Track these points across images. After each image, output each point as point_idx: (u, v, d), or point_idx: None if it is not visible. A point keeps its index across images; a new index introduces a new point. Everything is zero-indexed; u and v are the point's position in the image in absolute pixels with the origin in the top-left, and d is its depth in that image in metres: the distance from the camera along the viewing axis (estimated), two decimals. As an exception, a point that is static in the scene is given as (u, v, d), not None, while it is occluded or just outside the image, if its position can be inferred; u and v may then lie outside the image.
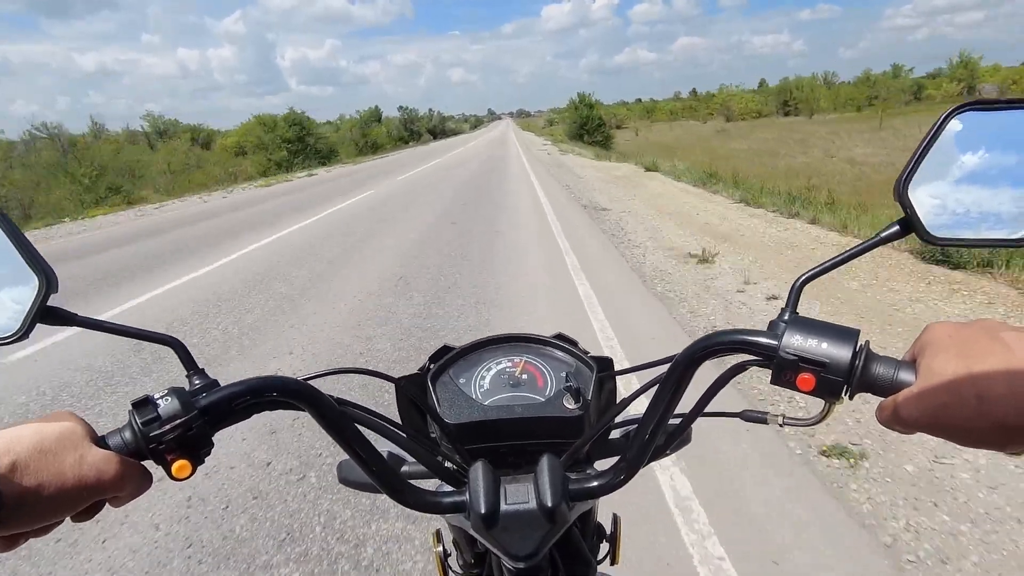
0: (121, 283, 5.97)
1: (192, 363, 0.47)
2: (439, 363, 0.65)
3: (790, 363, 0.41)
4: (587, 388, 0.60)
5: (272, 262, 6.44)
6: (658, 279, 4.99)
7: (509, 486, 0.52)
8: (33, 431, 0.37)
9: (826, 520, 1.96)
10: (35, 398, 3.31)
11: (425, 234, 7.57)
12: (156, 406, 0.41)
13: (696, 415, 0.51)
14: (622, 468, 0.51)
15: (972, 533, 1.88)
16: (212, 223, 10.22)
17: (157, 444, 0.41)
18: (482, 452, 0.56)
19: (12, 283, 0.44)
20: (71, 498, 0.38)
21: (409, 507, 0.52)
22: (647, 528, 1.97)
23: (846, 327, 0.41)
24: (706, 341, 0.45)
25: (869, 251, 0.45)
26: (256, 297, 5.02)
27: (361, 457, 0.49)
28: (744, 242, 6.18)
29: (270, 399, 0.45)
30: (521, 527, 0.51)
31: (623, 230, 7.21)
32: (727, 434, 2.43)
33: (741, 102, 66.73)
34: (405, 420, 0.65)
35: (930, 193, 0.43)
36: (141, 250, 7.92)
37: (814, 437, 2.43)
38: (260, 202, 13.19)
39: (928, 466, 2.21)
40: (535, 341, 0.69)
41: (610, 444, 0.65)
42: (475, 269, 5.58)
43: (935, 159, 0.43)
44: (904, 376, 0.39)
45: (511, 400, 0.61)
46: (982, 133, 0.42)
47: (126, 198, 18.75)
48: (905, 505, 2.03)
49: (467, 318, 4.22)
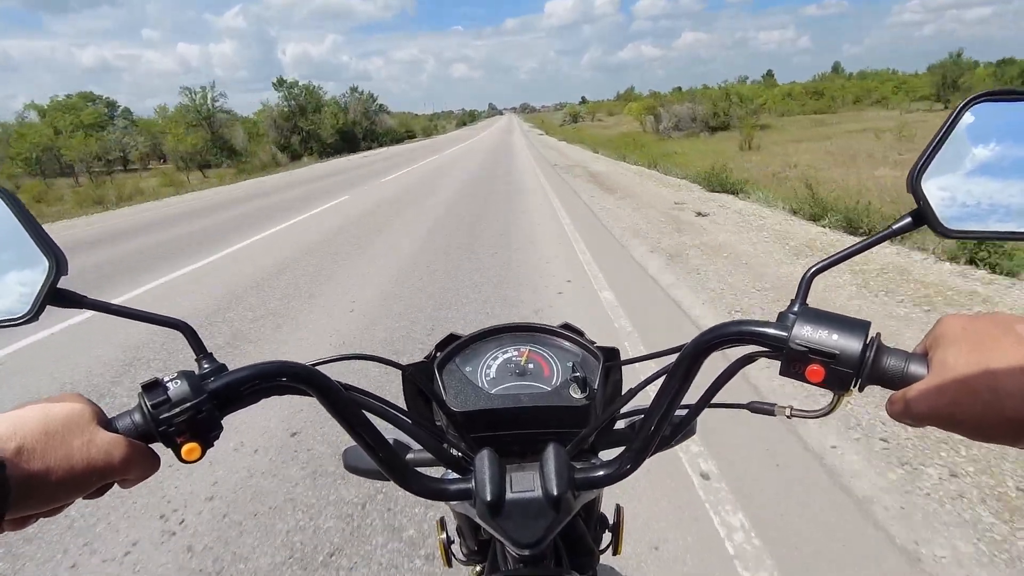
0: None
1: (201, 347, 0.47)
2: (445, 351, 0.65)
3: (800, 354, 0.41)
4: (593, 378, 0.60)
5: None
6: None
7: (515, 474, 0.52)
8: (39, 414, 0.37)
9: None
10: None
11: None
12: (166, 389, 0.41)
13: (703, 406, 0.51)
14: (627, 458, 0.52)
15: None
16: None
17: (167, 427, 0.41)
18: (488, 440, 0.56)
19: (23, 265, 0.44)
20: (79, 481, 0.38)
21: (415, 494, 0.52)
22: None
23: (857, 319, 0.41)
24: (714, 332, 0.45)
25: (880, 243, 0.45)
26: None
27: (368, 443, 0.49)
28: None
29: (279, 384, 0.45)
30: (526, 515, 0.51)
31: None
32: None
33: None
34: (411, 407, 0.65)
35: (943, 185, 0.43)
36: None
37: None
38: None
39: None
40: (541, 330, 0.69)
41: (616, 434, 0.65)
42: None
43: (949, 151, 0.43)
44: (915, 369, 0.39)
45: (517, 389, 0.61)
46: (996, 124, 0.42)
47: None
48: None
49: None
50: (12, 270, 0.45)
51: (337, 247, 6.62)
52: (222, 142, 34.53)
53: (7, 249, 0.44)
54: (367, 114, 47.25)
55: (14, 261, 0.44)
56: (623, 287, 4.36)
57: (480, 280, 4.79)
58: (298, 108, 39.03)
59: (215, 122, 35.05)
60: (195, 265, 6.20)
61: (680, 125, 27.56)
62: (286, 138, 36.47)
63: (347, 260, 5.90)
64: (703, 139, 24.33)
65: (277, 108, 38.46)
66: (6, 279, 0.45)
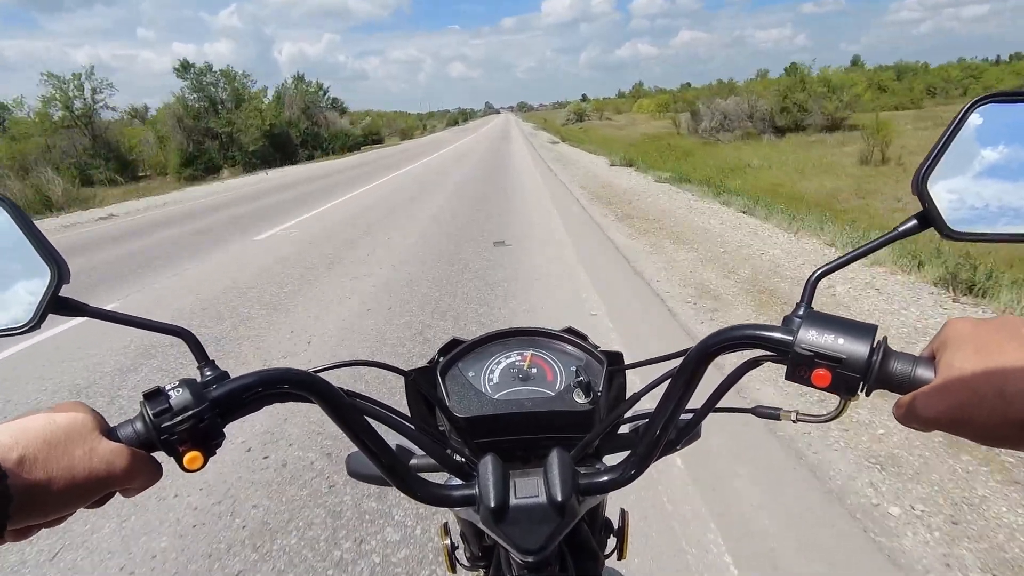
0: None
1: (203, 354, 0.47)
2: (448, 356, 0.65)
3: (805, 359, 0.41)
4: (597, 382, 0.60)
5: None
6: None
7: (519, 480, 0.52)
8: (41, 423, 0.37)
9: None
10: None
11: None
12: (168, 397, 0.41)
13: (708, 410, 0.51)
14: (632, 463, 0.51)
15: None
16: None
17: (169, 435, 0.41)
18: (491, 446, 0.56)
19: (25, 273, 0.44)
20: (82, 490, 0.38)
21: (418, 500, 0.52)
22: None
23: (863, 323, 0.41)
24: (719, 336, 0.45)
25: (886, 246, 0.45)
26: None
27: (370, 449, 0.49)
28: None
29: (281, 391, 0.45)
30: (530, 521, 0.50)
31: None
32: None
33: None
34: (414, 413, 0.65)
35: (949, 187, 0.43)
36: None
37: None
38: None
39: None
40: (544, 335, 0.69)
41: (620, 439, 0.64)
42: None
43: (954, 152, 0.42)
44: (923, 373, 0.39)
45: (520, 394, 0.60)
46: (1002, 125, 0.42)
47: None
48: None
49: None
50: (13, 278, 0.45)
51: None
52: (107, 149, 24.73)
53: (8, 257, 0.44)
54: (308, 111, 33.85)
55: (16, 269, 0.44)
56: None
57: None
58: (209, 103, 27.85)
59: (96, 124, 24.99)
60: None
61: (727, 124, 21.78)
62: (197, 143, 26.40)
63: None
64: (769, 143, 18.34)
65: (180, 102, 26.96)
66: (8, 287, 0.45)
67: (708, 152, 15.46)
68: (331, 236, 7.46)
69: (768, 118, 20.88)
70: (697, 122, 23.68)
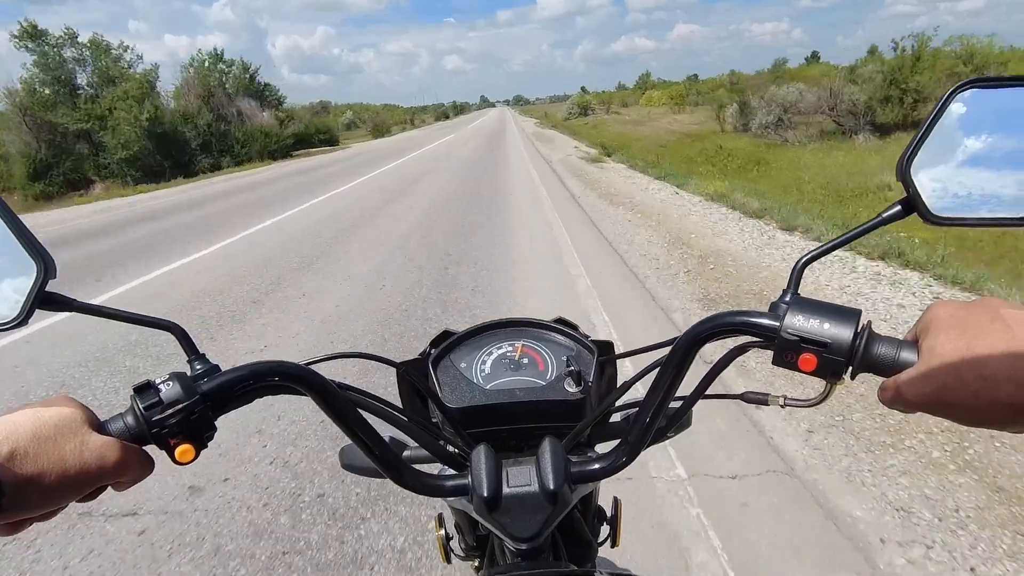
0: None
1: (193, 348, 0.47)
2: (440, 348, 0.65)
3: (792, 344, 0.41)
4: (588, 372, 0.60)
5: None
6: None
7: (511, 469, 0.52)
8: (30, 418, 0.37)
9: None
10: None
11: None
12: (158, 391, 0.41)
13: (697, 397, 0.51)
14: (623, 451, 0.52)
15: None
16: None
17: (160, 429, 0.41)
18: (484, 436, 0.56)
19: (10, 269, 0.44)
20: (73, 484, 0.38)
21: (411, 490, 0.52)
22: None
23: (848, 308, 0.41)
24: (707, 323, 0.45)
25: (870, 232, 0.45)
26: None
27: (363, 442, 0.49)
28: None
29: (272, 384, 0.45)
30: (523, 510, 0.51)
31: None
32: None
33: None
34: (407, 405, 0.65)
35: (932, 173, 0.43)
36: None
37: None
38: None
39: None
40: (535, 325, 0.69)
41: (611, 427, 0.65)
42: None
43: (937, 137, 0.43)
44: (906, 356, 0.39)
45: (512, 384, 0.61)
46: (984, 110, 0.42)
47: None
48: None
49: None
50: (2, 275, 0.44)
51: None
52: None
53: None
54: (209, 100, 24.30)
55: (3, 266, 0.44)
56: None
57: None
58: (67, 88, 19.52)
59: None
60: None
61: (789, 120, 16.72)
62: (57, 147, 18.53)
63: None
64: (870, 147, 12.94)
65: (26, 86, 18.81)
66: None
67: (781, 158, 10.77)
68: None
69: (863, 111, 15.26)
70: (747, 117, 18.68)
